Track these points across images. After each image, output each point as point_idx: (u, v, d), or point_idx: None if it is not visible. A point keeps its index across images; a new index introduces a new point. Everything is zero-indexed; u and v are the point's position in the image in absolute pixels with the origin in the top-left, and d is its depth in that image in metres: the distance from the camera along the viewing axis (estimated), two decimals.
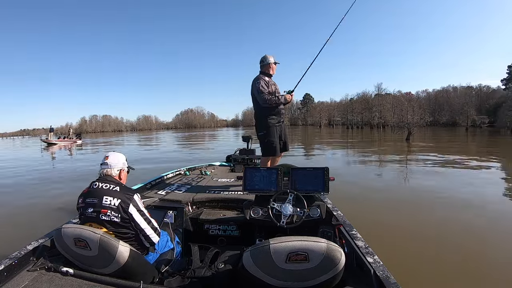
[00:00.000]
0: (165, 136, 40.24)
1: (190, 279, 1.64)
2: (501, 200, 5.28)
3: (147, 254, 1.87)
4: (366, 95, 64.17)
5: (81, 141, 28.17)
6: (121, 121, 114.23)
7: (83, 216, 1.71)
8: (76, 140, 27.85)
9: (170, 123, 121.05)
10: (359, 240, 1.73)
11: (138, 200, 1.77)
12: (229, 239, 2.47)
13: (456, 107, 50.17)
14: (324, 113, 70.10)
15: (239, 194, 2.83)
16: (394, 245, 3.29)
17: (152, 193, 2.92)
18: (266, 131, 3.44)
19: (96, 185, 1.74)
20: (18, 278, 1.45)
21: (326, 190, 2.24)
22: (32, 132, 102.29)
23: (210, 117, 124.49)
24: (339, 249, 1.26)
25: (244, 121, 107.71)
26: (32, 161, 14.00)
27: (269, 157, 3.54)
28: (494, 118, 42.75)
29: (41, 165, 12.03)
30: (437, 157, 10.90)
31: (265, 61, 3.49)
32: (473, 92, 56.41)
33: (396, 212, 4.64)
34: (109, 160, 1.84)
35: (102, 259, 1.48)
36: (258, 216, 2.17)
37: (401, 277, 1.50)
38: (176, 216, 2.49)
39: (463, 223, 3.99)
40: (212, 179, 3.66)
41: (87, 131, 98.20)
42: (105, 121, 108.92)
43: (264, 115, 3.45)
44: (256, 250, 1.31)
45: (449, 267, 2.83)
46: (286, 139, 3.65)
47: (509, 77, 50.25)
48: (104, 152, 15.48)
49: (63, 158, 16.23)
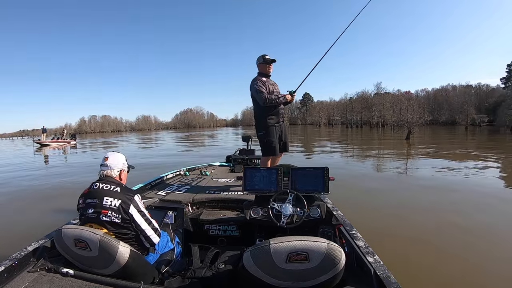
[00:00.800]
0: (164, 136, 40.07)
1: (190, 280, 1.64)
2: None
3: (148, 255, 1.87)
4: (366, 94, 64.37)
5: (76, 142, 27.75)
6: (120, 121, 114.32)
7: (83, 217, 1.71)
8: (70, 141, 27.41)
9: (170, 123, 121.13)
10: (359, 239, 1.73)
11: (139, 201, 1.77)
12: (229, 239, 2.47)
13: (455, 106, 50.17)
14: (324, 113, 70.14)
15: (239, 194, 2.83)
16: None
17: (152, 194, 2.92)
18: (265, 131, 3.45)
19: (96, 186, 1.74)
20: (18, 279, 1.45)
21: (326, 190, 2.24)
22: (31, 132, 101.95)
23: (209, 117, 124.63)
24: (339, 249, 1.27)
25: (243, 120, 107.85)
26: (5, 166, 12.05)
27: (269, 157, 3.54)
28: (494, 116, 42.79)
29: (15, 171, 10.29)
30: (438, 156, 10.87)
31: (260, 61, 3.49)
32: (472, 91, 56.42)
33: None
34: (109, 161, 1.83)
35: (102, 259, 1.48)
36: (258, 216, 2.17)
37: (402, 277, 1.50)
38: (176, 217, 2.48)
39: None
40: (212, 180, 3.66)
41: (86, 131, 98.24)
42: (104, 122, 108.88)
43: (263, 115, 3.45)
44: (256, 250, 1.31)
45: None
46: (286, 139, 3.65)
47: (509, 76, 50.30)
48: (98, 154, 15.06)
49: (41, 166, 12.47)
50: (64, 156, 17.24)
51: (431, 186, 6.16)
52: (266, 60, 3.46)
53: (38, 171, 10.67)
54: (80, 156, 16.76)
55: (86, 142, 33.26)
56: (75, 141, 27.99)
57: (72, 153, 18.88)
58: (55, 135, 32.31)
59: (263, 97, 3.32)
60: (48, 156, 17.01)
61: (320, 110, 71.69)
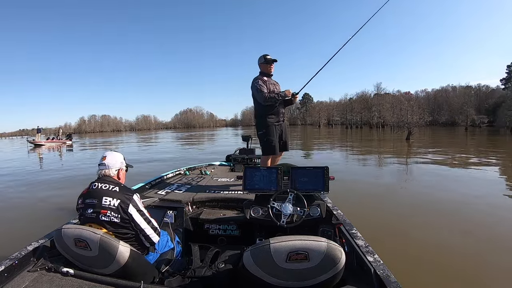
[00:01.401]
0: (164, 136, 40.04)
1: (190, 279, 1.64)
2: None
3: (147, 254, 1.87)
4: (366, 95, 64.30)
5: (72, 142, 27.59)
6: (120, 121, 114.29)
7: (82, 217, 1.71)
8: (66, 141, 27.24)
9: (169, 123, 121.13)
10: (359, 239, 1.73)
11: (138, 200, 1.77)
12: (229, 238, 2.47)
13: (455, 107, 50.06)
14: (323, 113, 70.16)
15: (239, 194, 2.83)
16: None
17: (152, 193, 2.92)
18: (265, 130, 3.46)
19: (95, 186, 1.73)
20: (19, 279, 1.45)
21: (326, 189, 2.25)
22: (31, 132, 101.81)
23: (209, 116, 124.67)
24: (339, 248, 1.27)
25: (243, 120, 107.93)
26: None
27: (269, 156, 3.55)
28: (493, 117, 42.78)
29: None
30: (438, 157, 10.87)
31: (261, 61, 3.52)
32: (472, 92, 56.41)
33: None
34: (107, 160, 1.83)
35: (102, 259, 1.48)
36: (258, 215, 2.17)
37: (402, 277, 1.50)
38: (176, 216, 2.48)
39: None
40: (212, 179, 3.66)
41: (86, 131, 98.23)
42: (104, 121, 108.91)
43: (263, 114, 3.47)
44: (256, 249, 1.31)
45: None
46: (286, 139, 3.65)
47: (508, 77, 50.30)
48: (93, 155, 14.83)
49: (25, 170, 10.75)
50: (54, 155, 17.18)
51: (430, 188, 6.16)
52: (267, 60, 3.48)
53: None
54: (69, 157, 16.59)
55: (84, 142, 33.02)
56: (71, 141, 27.82)
57: (67, 151, 18.88)
58: (54, 135, 32.12)
59: (264, 95, 3.34)
60: (41, 156, 16.91)
61: (320, 110, 71.71)
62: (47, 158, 15.54)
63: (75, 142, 29.62)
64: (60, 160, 14.67)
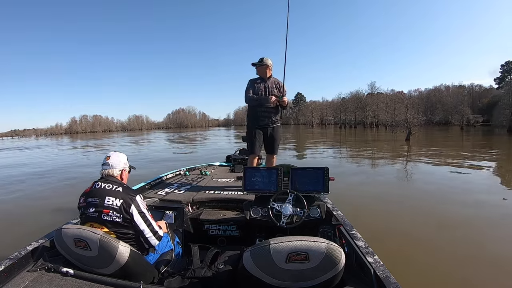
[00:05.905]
0: (157, 137, 39.18)
1: (190, 280, 1.64)
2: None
3: (147, 255, 1.86)
4: (359, 94, 64.36)
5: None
6: (112, 121, 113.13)
7: (84, 216, 1.70)
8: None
9: (161, 123, 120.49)
10: (359, 240, 1.73)
11: (141, 202, 1.76)
12: (229, 239, 2.47)
13: (449, 106, 50.09)
14: (317, 112, 70.40)
15: (239, 194, 2.83)
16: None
17: (152, 193, 2.90)
18: (247, 130, 3.67)
19: (98, 185, 1.73)
20: (18, 279, 1.44)
21: (326, 190, 2.25)
22: (22, 132, 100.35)
23: (201, 116, 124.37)
24: (339, 249, 1.27)
25: (235, 120, 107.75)
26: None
27: (250, 156, 3.66)
28: (488, 116, 43.27)
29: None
30: (443, 159, 10.37)
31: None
32: (465, 91, 57.01)
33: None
34: (111, 160, 1.83)
35: (102, 259, 1.48)
36: (258, 216, 2.18)
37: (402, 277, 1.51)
38: (176, 216, 2.48)
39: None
40: (212, 179, 3.65)
41: (77, 131, 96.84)
42: (96, 121, 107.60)
43: (247, 115, 3.70)
44: (256, 250, 1.31)
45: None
46: (273, 142, 3.62)
47: (503, 76, 51.06)
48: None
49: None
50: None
51: (431, 186, 6.12)
52: (253, 64, 3.62)
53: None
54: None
55: (62, 144, 30.22)
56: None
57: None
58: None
59: (246, 97, 3.53)
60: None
61: (313, 110, 71.88)
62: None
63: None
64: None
